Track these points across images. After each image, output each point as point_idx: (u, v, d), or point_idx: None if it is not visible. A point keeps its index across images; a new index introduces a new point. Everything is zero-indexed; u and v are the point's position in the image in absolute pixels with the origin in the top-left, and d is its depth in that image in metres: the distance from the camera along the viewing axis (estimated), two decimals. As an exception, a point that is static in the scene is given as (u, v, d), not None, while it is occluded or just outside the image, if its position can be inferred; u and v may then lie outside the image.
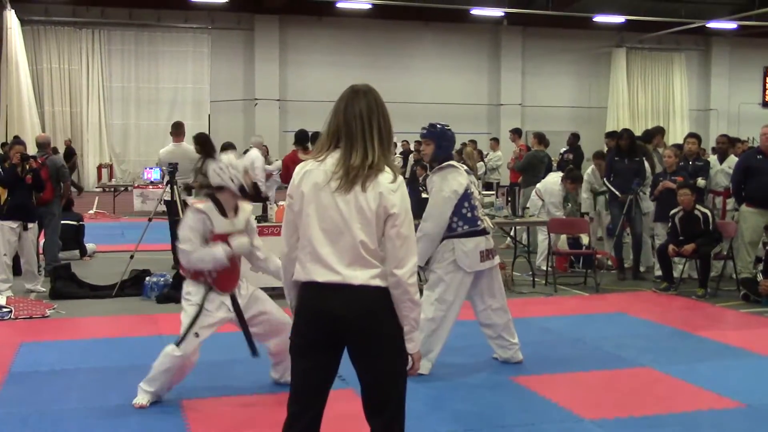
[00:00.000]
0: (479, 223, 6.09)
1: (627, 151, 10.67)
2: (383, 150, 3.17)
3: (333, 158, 3.16)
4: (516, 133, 16.33)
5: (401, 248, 3.13)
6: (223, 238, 5.34)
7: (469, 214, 6.03)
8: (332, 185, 3.12)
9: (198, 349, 5.35)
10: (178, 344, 5.28)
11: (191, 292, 5.44)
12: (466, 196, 6.03)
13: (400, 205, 3.14)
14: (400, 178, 3.20)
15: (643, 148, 11.23)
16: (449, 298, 6.09)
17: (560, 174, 11.55)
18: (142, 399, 5.35)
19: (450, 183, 5.99)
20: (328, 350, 3.21)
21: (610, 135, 13.48)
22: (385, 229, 3.14)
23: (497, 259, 6.32)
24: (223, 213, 5.43)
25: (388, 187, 3.13)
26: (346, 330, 3.14)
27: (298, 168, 3.27)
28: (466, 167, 6.33)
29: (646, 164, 10.76)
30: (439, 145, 6.13)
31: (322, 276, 3.13)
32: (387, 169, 3.16)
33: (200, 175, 5.81)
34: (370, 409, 3.28)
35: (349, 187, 3.10)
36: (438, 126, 6.23)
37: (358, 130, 3.16)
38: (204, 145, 10.30)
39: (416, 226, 8.51)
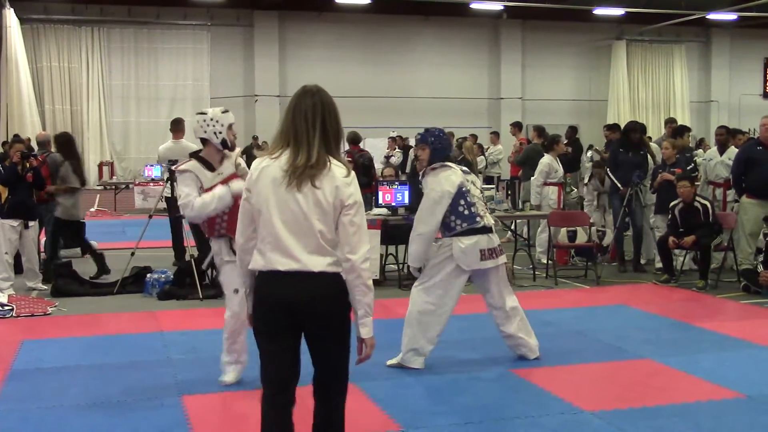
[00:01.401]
0: (478, 220, 6.03)
1: (634, 145, 10.65)
2: (328, 148, 3.41)
3: (285, 156, 3.40)
4: (516, 126, 16.33)
5: (354, 235, 3.39)
6: None
7: (466, 212, 5.99)
8: (285, 182, 3.36)
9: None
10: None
11: (216, 250, 5.60)
12: (462, 194, 6.00)
13: (354, 197, 3.40)
14: (353, 172, 3.46)
15: (645, 141, 11.24)
16: (440, 293, 6.08)
17: (551, 157, 11.53)
18: (227, 376, 5.58)
19: (442, 184, 5.97)
20: (290, 334, 3.44)
21: (612, 127, 13.48)
22: (339, 217, 3.39)
23: (503, 258, 6.21)
24: (210, 168, 5.48)
25: (344, 181, 3.39)
26: (305, 314, 3.39)
27: (255, 163, 3.49)
28: (463, 166, 6.31)
29: (650, 158, 10.77)
30: (435, 149, 6.12)
31: (283, 265, 3.36)
32: (338, 164, 3.42)
33: (59, 179, 5.87)
34: (321, 386, 3.56)
35: (298, 184, 3.35)
36: (432, 131, 6.23)
37: (303, 131, 3.40)
38: (64, 145, 10.28)
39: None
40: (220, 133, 5.52)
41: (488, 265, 6.08)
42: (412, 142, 20.37)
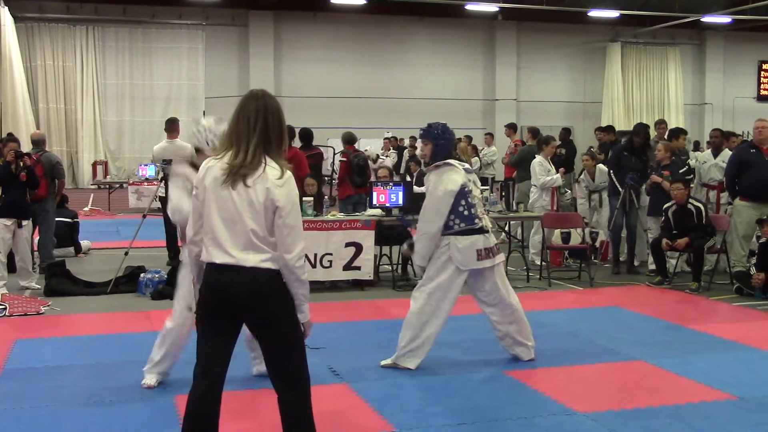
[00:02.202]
0: (477, 221, 6.05)
1: (639, 149, 10.65)
2: (267, 150, 3.58)
3: (227, 156, 3.60)
4: (511, 128, 16.34)
5: (288, 236, 3.56)
6: None
7: (466, 212, 6.01)
8: (222, 180, 3.56)
9: None
10: None
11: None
12: (463, 194, 6.02)
13: (286, 199, 3.56)
14: (288, 174, 3.61)
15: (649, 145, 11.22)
16: (440, 295, 6.10)
17: (542, 158, 11.54)
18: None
19: (444, 182, 5.99)
20: (225, 321, 3.67)
21: (605, 129, 13.52)
22: (274, 219, 3.56)
23: (500, 257, 6.23)
24: None
25: (275, 183, 3.55)
26: (237, 305, 3.61)
27: (203, 164, 3.71)
28: (466, 165, 6.32)
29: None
30: (437, 144, 6.13)
31: (219, 258, 3.59)
32: (274, 165, 3.57)
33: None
34: (271, 373, 3.72)
35: (231, 182, 3.54)
36: (435, 126, 6.22)
37: (243, 133, 3.59)
38: None
39: (413, 221, 8.68)
40: (213, 141, 5.56)
41: (485, 265, 6.10)
42: (407, 142, 20.42)
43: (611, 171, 10.78)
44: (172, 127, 11.06)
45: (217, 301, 3.64)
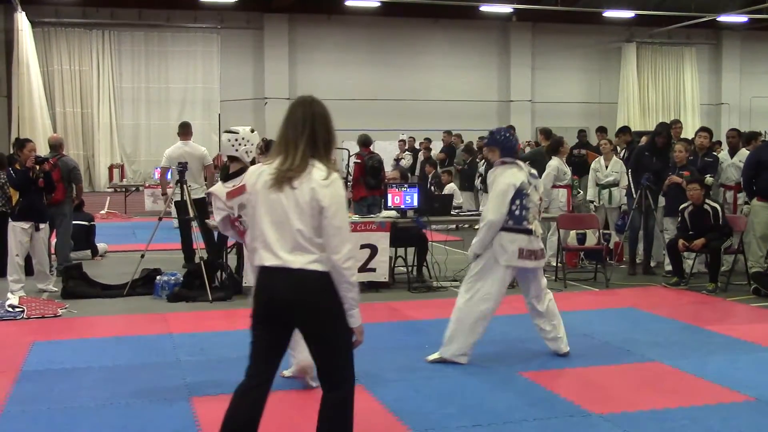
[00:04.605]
0: (525, 223, 6.28)
1: (661, 149, 10.58)
2: (315, 154, 3.65)
3: (277, 161, 3.68)
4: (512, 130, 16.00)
5: (334, 237, 3.59)
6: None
7: (517, 212, 6.25)
8: (270, 184, 3.64)
9: None
10: None
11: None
12: (520, 194, 6.26)
13: (331, 199, 3.59)
14: (334, 175, 3.65)
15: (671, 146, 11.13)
16: (488, 290, 6.28)
17: (559, 160, 11.52)
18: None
19: (507, 176, 6.27)
20: (276, 324, 3.71)
21: (622, 130, 13.41)
22: (321, 220, 3.59)
23: (542, 262, 6.45)
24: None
25: (320, 183, 3.59)
26: (286, 307, 3.65)
27: (253, 169, 3.83)
28: (533, 170, 6.61)
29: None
30: (503, 148, 6.43)
31: (268, 261, 3.65)
32: (321, 167, 3.63)
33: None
34: (319, 375, 3.78)
35: (279, 186, 3.61)
36: (498, 132, 6.59)
37: (291, 138, 3.67)
38: None
39: (428, 223, 8.86)
40: (251, 152, 5.78)
41: (526, 265, 6.33)
42: (417, 144, 20.42)
43: (629, 171, 10.71)
44: (185, 130, 11.13)
45: (267, 303, 3.69)
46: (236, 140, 5.67)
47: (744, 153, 10.74)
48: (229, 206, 5.43)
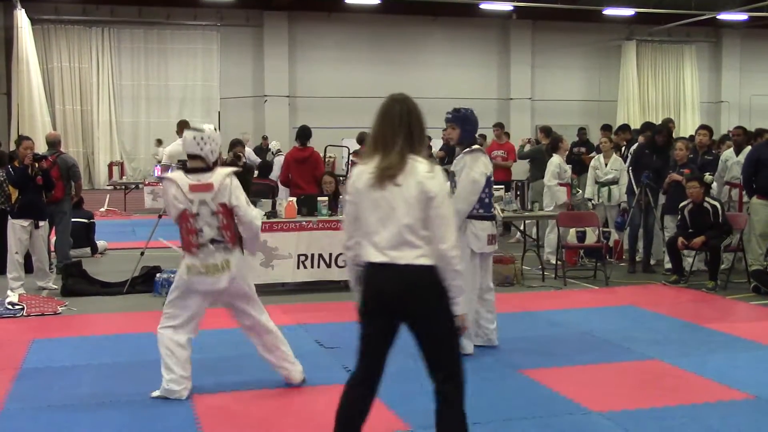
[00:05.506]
0: (492, 210, 6.50)
1: (661, 147, 10.57)
2: (413, 149, 3.74)
3: (375, 160, 3.75)
4: (500, 127, 15.84)
5: (442, 226, 3.68)
6: None
7: (487, 200, 6.39)
8: (373, 182, 3.71)
9: None
10: None
11: None
12: (488, 181, 6.39)
13: (438, 189, 3.70)
14: (437, 167, 3.77)
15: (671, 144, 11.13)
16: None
17: (560, 158, 11.53)
18: None
19: (480, 165, 6.33)
20: (383, 319, 3.79)
21: (622, 128, 13.41)
22: (427, 212, 3.67)
23: (496, 246, 6.70)
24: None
25: (426, 175, 3.69)
26: (394, 302, 3.72)
27: (355, 170, 3.90)
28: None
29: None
30: (464, 128, 6.43)
31: (374, 257, 3.73)
32: (421, 160, 3.73)
33: None
34: (428, 367, 3.84)
35: (382, 183, 3.69)
36: (461, 110, 6.53)
37: (389, 136, 3.75)
38: None
39: None
40: (215, 152, 5.47)
41: (492, 250, 6.59)
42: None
43: (630, 168, 10.71)
44: (185, 128, 11.10)
45: (374, 298, 3.77)
46: (201, 138, 5.40)
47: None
48: (189, 199, 5.31)
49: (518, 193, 11.60)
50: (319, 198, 9.45)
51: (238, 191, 5.39)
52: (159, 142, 23.84)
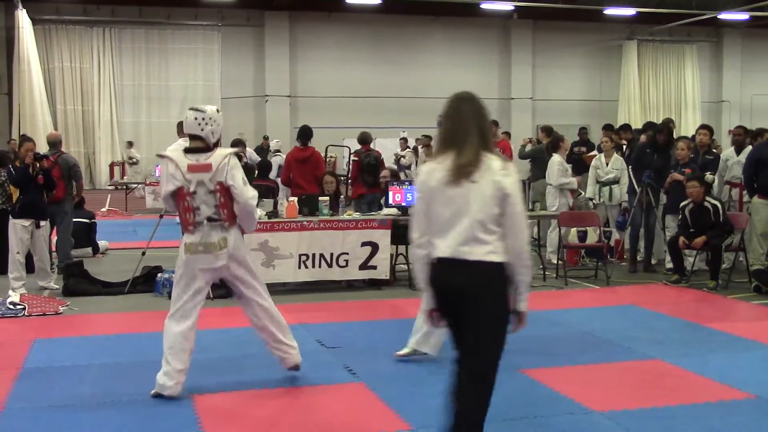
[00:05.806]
0: None
1: (662, 146, 10.56)
2: (485, 146, 3.78)
3: (449, 158, 3.77)
4: (494, 125, 15.81)
5: (516, 223, 3.73)
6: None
7: None
8: (448, 180, 3.74)
9: None
10: None
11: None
12: None
13: (513, 186, 3.73)
14: (510, 164, 3.80)
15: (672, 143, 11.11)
16: None
17: (560, 157, 11.52)
18: None
19: None
20: (453, 314, 3.82)
21: (623, 128, 13.41)
22: (502, 208, 3.71)
23: None
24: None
25: (501, 173, 3.73)
26: (462, 298, 3.74)
27: (425, 168, 3.92)
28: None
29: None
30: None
31: (444, 253, 3.75)
32: (495, 158, 3.77)
33: None
34: (463, 369, 3.81)
35: (457, 180, 3.72)
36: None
37: (461, 133, 3.79)
38: None
39: None
40: (216, 133, 5.51)
41: None
42: (410, 143, 20.40)
43: (630, 168, 10.70)
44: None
45: (444, 294, 3.81)
46: (203, 119, 5.43)
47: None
48: (187, 179, 5.36)
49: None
50: (320, 198, 9.47)
51: (235, 170, 5.42)
52: (130, 144, 23.95)
